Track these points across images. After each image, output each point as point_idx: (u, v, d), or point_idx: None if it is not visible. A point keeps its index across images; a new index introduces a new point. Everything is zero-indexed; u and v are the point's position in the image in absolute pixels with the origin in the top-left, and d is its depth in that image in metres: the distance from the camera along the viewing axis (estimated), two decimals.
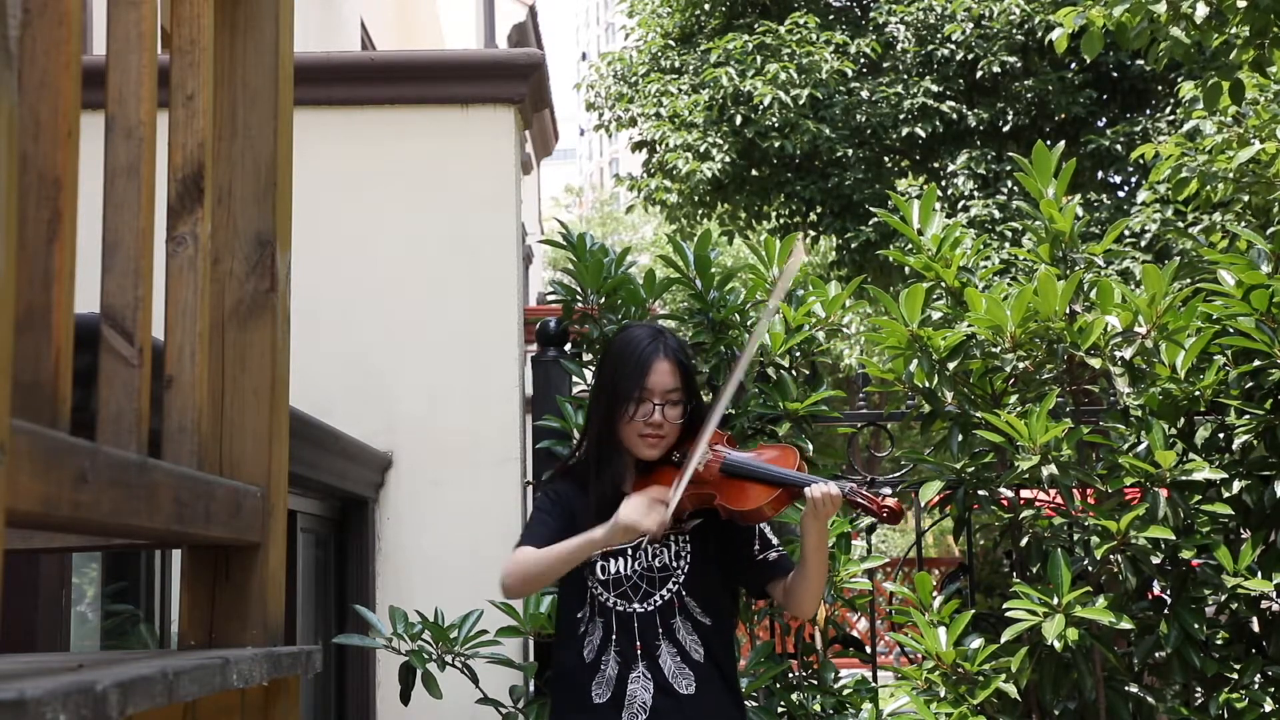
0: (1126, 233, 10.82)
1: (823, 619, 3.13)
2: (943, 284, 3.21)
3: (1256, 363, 2.99)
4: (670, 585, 2.37)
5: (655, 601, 2.36)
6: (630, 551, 2.38)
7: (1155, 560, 2.98)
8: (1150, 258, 10.46)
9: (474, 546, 3.54)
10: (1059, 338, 3.03)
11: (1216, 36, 4.83)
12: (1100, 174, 12.67)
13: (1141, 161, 8.87)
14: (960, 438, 3.09)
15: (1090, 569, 2.97)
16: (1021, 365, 3.11)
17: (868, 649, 3.26)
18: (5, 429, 0.89)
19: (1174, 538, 2.87)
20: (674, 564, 2.38)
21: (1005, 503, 3.14)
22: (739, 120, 11.97)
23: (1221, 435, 3.10)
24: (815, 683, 3.08)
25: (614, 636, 2.35)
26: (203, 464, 1.43)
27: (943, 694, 2.93)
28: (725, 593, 2.46)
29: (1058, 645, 2.78)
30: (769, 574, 2.43)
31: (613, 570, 2.37)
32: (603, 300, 3.23)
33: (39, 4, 1.07)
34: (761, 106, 11.75)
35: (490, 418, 3.62)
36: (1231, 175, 6.48)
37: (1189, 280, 3.56)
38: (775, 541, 2.46)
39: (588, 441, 2.46)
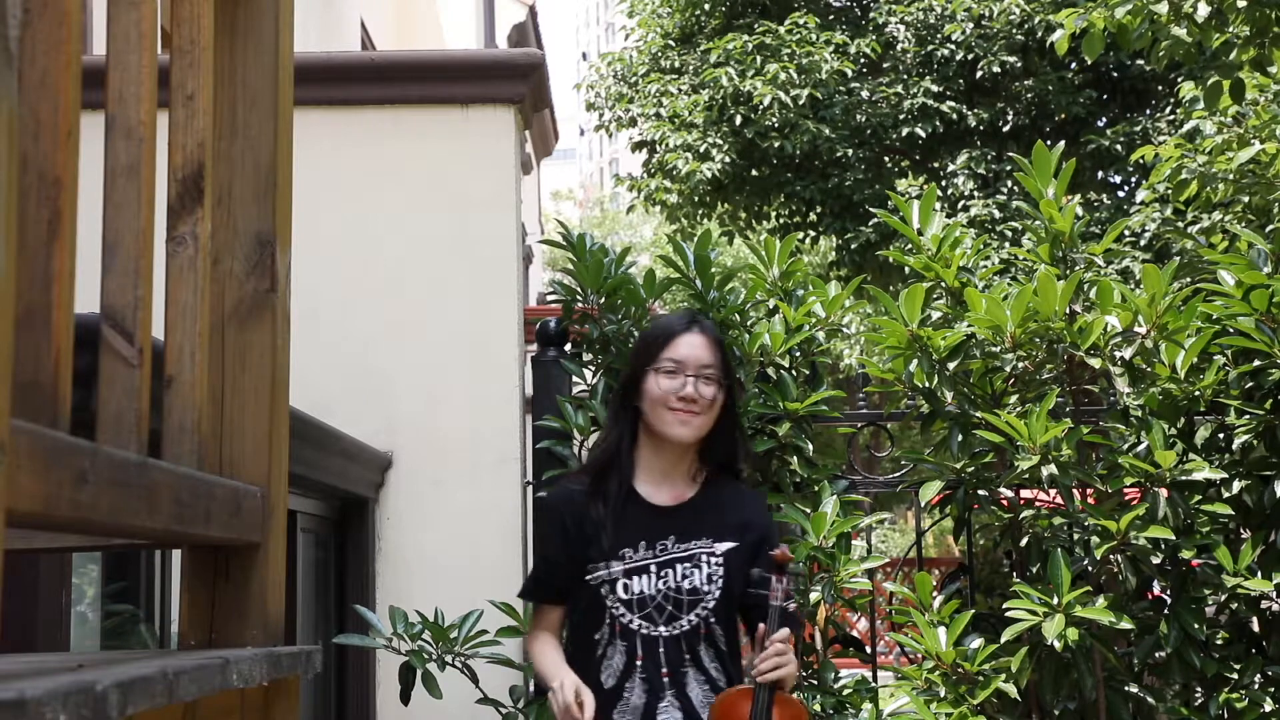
0: (1126, 232, 10.81)
1: (823, 619, 3.13)
2: (943, 284, 3.20)
3: (1256, 363, 2.99)
4: (699, 611, 2.24)
5: (682, 626, 2.23)
6: (655, 569, 2.25)
7: (1155, 560, 2.98)
8: (1150, 257, 10.46)
9: (474, 546, 3.54)
10: (1059, 338, 3.03)
11: (1217, 36, 4.82)
12: (1100, 174, 12.67)
13: (1141, 161, 8.87)
14: (960, 438, 3.09)
15: (1090, 569, 2.97)
16: (1021, 365, 3.11)
17: (868, 649, 3.26)
18: (5, 429, 0.88)
19: (1174, 538, 2.87)
20: (705, 588, 2.25)
21: (1005, 503, 3.14)
22: (739, 120, 11.96)
23: (1221, 435, 3.10)
24: (815, 683, 3.08)
25: (639, 662, 2.22)
26: (203, 464, 1.43)
27: (943, 694, 2.93)
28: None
29: (1058, 645, 2.78)
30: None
31: (636, 590, 2.23)
32: (603, 300, 3.22)
33: (39, 4, 1.06)
34: (761, 106, 11.75)
35: (490, 418, 3.62)
36: (1231, 176, 6.48)
37: (1189, 280, 3.56)
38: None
39: (605, 431, 2.34)
